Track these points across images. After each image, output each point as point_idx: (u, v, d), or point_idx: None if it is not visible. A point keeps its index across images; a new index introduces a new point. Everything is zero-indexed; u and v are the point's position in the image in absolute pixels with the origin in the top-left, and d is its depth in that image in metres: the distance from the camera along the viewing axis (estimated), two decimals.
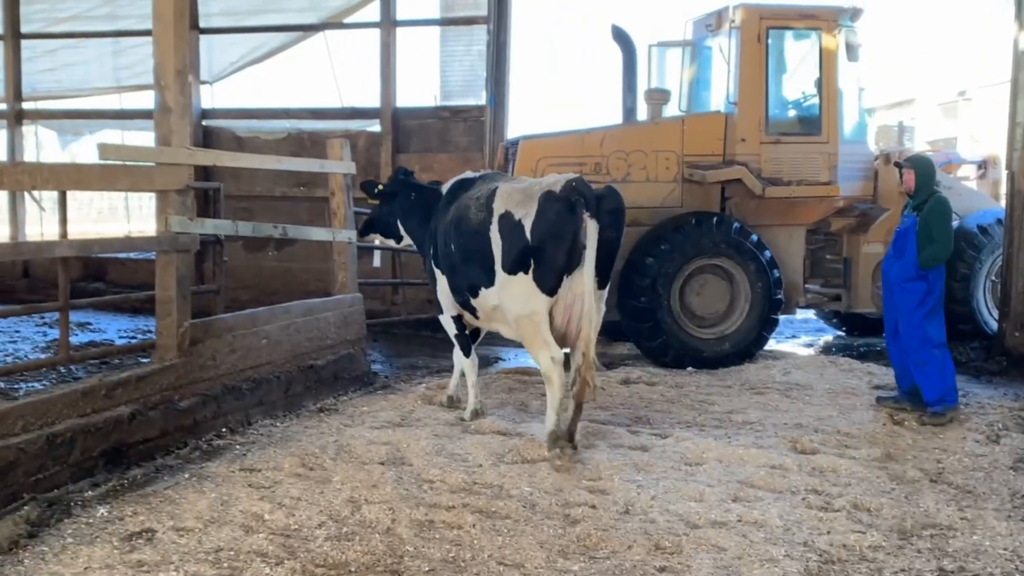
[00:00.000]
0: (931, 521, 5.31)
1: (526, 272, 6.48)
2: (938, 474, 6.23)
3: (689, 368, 9.93)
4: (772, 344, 11.15)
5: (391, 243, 8.42)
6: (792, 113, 11.23)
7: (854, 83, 11.19)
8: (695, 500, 5.59)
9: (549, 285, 6.44)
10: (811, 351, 11.76)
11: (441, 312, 7.67)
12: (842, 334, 13.13)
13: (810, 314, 13.51)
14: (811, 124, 10.86)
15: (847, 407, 8.08)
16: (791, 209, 10.67)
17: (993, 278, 10.91)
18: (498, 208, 6.66)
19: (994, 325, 10.64)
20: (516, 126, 14.42)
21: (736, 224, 10.20)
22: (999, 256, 10.61)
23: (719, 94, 11.35)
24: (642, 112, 11.66)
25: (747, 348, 10.29)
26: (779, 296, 10.28)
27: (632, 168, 10.39)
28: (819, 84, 10.80)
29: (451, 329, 7.63)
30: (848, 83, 10.98)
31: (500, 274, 6.63)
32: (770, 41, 10.60)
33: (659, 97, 11.52)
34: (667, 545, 4.92)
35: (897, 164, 8.30)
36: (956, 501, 5.66)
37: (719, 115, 10.80)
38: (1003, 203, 11.06)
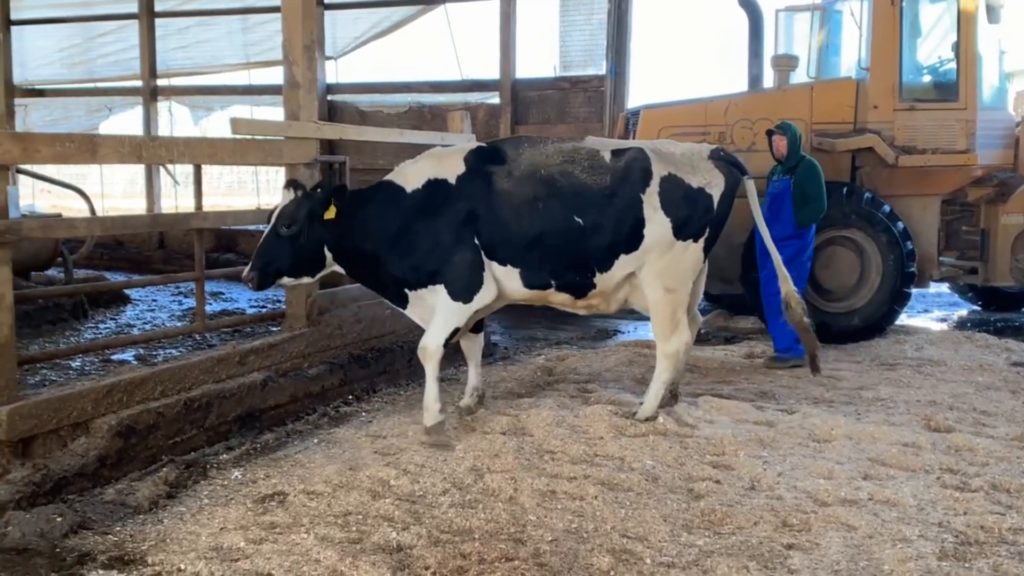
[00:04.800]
0: None
1: (696, 240, 6.49)
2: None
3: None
4: (904, 319, 10.77)
5: None
6: (927, 78, 10.74)
7: (994, 46, 10.66)
8: (824, 477, 5.45)
9: (707, 255, 6.67)
10: (945, 326, 11.33)
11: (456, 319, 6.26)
12: (978, 308, 12.59)
13: (944, 288, 13.00)
14: (948, 90, 10.37)
15: (983, 384, 7.76)
16: (926, 178, 10.24)
17: None
18: (658, 170, 6.44)
19: None
20: (637, 96, 14.23)
21: (867, 194, 9.85)
22: None
23: (850, 59, 10.97)
24: (768, 79, 11.37)
25: (877, 323, 9.95)
26: (912, 269, 9.90)
27: (758, 137, 10.10)
28: (956, 48, 10.29)
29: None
30: (988, 46, 10.46)
31: (667, 240, 6.39)
32: (904, 3, 10.13)
33: (786, 63, 11.17)
34: (795, 522, 4.82)
35: (769, 131, 8.84)
36: None
37: (850, 81, 10.43)
38: None
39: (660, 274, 6.44)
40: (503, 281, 6.36)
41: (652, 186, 6.40)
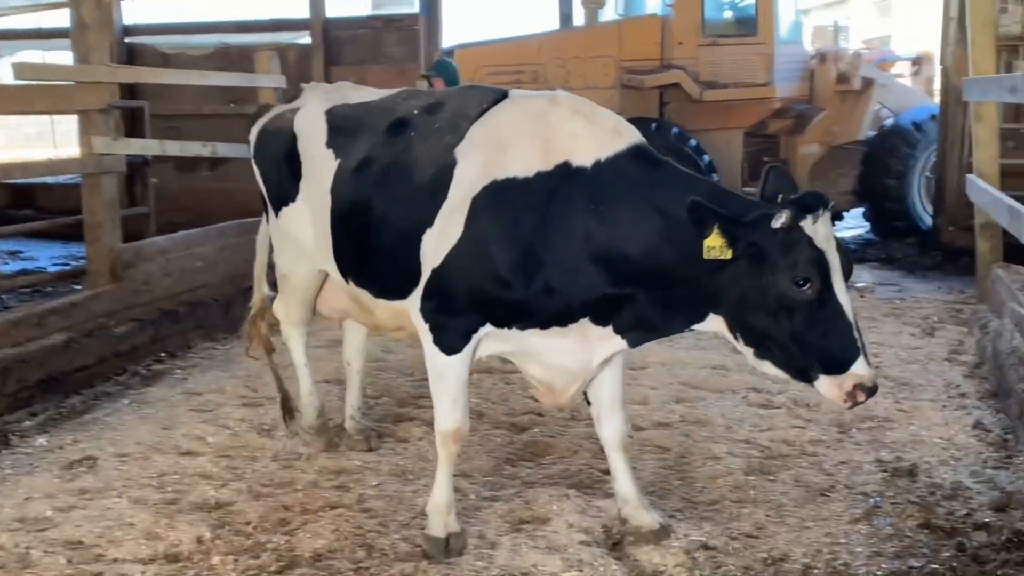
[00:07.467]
0: (869, 414, 5.40)
1: None
2: (875, 368, 6.31)
3: None
4: None
5: None
6: (728, 15, 11.11)
7: None
8: (639, 403, 5.65)
9: None
10: None
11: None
12: None
13: None
14: (747, 25, 10.77)
15: None
16: (729, 112, 10.63)
17: (928, 174, 11.02)
18: None
19: (929, 221, 10.80)
20: (451, 35, 14.10)
21: (675, 129, 10.15)
22: (933, 152, 10.72)
23: None
24: (579, 17, 11.48)
25: None
26: None
27: (570, 75, 10.24)
28: None
29: None
30: None
31: None
32: None
33: (595, 1, 11.32)
34: None
35: (424, 75, 9.08)
36: (893, 394, 5.79)
37: (656, 18, 10.66)
38: (937, 99, 11.14)
39: None
40: None
41: None
